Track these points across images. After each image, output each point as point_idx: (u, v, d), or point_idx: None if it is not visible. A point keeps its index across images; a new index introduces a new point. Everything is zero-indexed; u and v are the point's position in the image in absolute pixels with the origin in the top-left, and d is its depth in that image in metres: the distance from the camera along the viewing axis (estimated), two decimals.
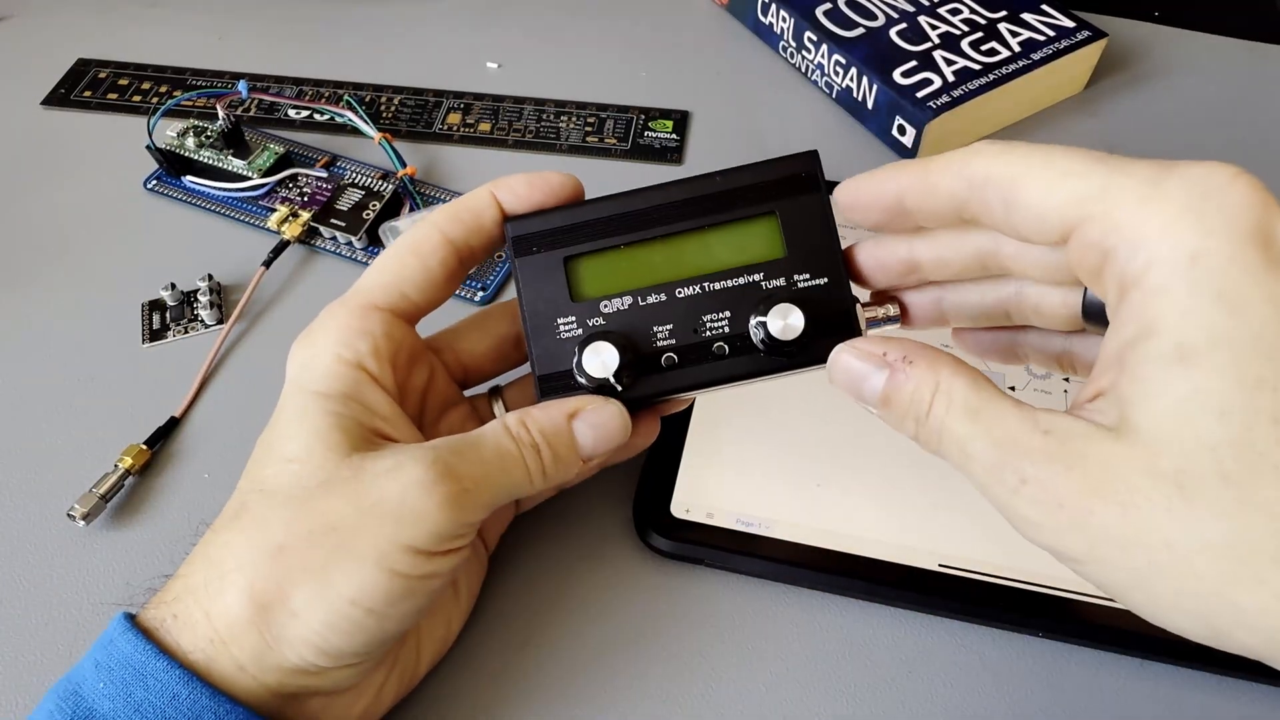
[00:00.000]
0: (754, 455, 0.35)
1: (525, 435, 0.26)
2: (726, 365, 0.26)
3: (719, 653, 0.31)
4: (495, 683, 0.31)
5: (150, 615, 0.25)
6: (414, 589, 0.25)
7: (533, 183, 0.28)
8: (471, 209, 0.28)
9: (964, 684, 0.31)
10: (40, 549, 0.33)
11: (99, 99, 0.49)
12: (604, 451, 0.27)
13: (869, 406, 0.24)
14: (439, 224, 0.28)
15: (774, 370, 0.26)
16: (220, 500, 0.26)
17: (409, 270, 0.28)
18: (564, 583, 0.33)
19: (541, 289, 0.27)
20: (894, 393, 0.23)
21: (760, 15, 0.53)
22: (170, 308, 0.40)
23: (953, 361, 0.22)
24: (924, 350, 0.23)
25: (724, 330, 0.27)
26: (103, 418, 0.37)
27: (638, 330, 0.27)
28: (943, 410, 0.21)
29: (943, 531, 0.33)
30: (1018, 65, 0.47)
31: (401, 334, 0.28)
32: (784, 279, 0.27)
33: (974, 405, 0.21)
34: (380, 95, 0.50)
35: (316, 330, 0.27)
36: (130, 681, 0.23)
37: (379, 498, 0.24)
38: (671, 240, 0.27)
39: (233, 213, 0.44)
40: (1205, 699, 0.30)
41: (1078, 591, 0.31)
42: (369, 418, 0.26)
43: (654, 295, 0.27)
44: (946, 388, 0.21)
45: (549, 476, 0.27)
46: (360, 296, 0.28)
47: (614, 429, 0.27)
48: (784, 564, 0.32)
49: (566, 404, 0.26)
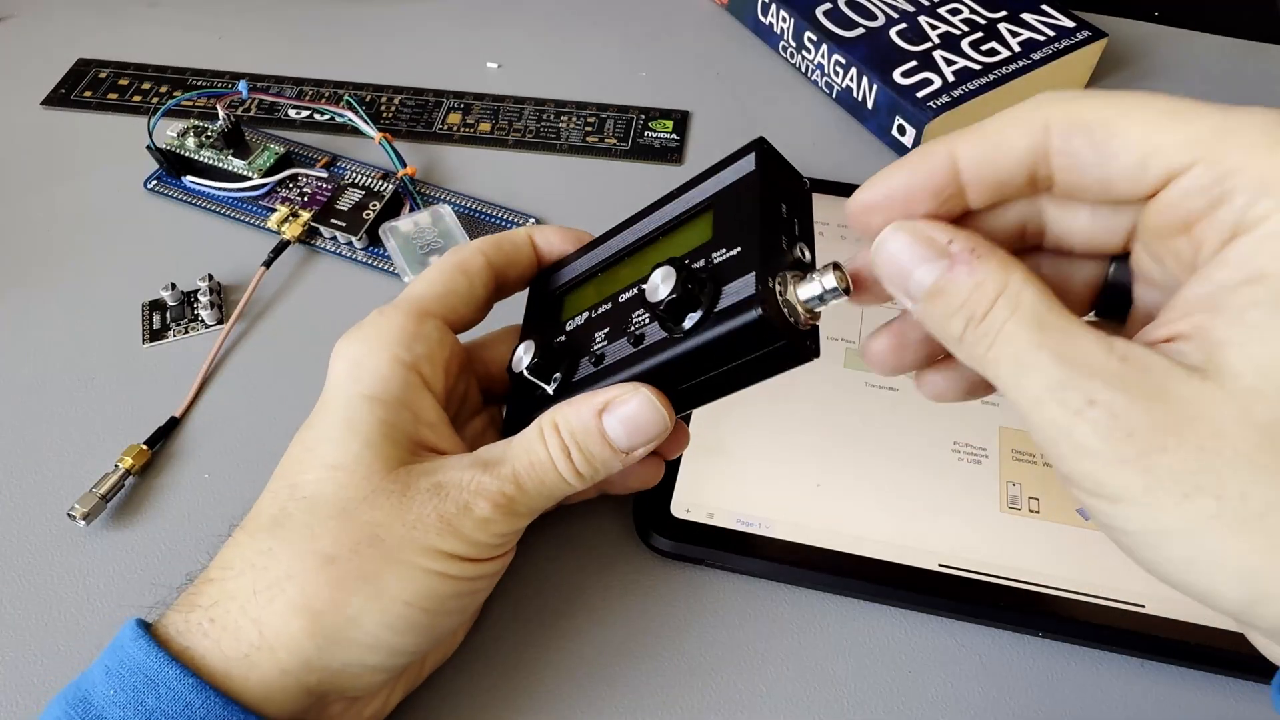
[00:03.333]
0: (754, 455, 0.35)
1: (555, 439, 0.26)
2: (640, 354, 0.25)
3: (719, 652, 0.31)
4: (495, 682, 0.31)
5: (179, 618, 0.25)
6: (462, 589, 0.26)
7: (566, 236, 0.31)
8: (514, 242, 0.30)
9: (964, 684, 0.31)
10: (40, 549, 0.33)
11: (99, 99, 0.49)
12: (644, 442, 0.26)
13: (909, 300, 0.21)
14: (483, 248, 0.29)
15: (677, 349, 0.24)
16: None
17: (458, 285, 0.29)
18: (564, 582, 0.33)
19: (541, 316, 0.30)
20: (949, 284, 0.19)
21: (760, 15, 0.53)
22: (170, 308, 0.40)
23: (1026, 269, 0.19)
24: (996, 248, 0.20)
25: (645, 320, 0.25)
26: (103, 418, 0.37)
27: (583, 339, 0.27)
28: (1005, 313, 0.19)
29: (943, 531, 0.33)
30: (1018, 65, 0.47)
31: (452, 342, 0.29)
32: (704, 260, 0.24)
33: (1042, 315, 0.19)
34: (380, 95, 0.50)
35: (369, 328, 0.27)
36: (142, 689, 0.23)
37: (420, 515, 0.25)
38: (631, 257, 0.28)
39: (233, 213, 0.44)
40: (1205, 699, 0.30)
41: (1078, 591, 0.31)
42: (416, 427, 0.27)
43: (603, 306, 0.27)
44: (1015, 291, 0.19)
45: (586, 476, 0.26)
46: (414, 303, 0.28)
47: (648, 419, 0.25)
48: (784, 564, 0.32)
49: (595, 399, 0.25)
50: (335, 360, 0.27)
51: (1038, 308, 0.19)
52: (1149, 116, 0.19)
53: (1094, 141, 0.19)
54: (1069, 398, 0.18)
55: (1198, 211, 0.18)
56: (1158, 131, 0.18)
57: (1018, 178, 0.20)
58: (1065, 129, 0.19)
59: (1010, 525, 0.33)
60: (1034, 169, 0.20)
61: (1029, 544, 0.32)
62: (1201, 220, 0.18)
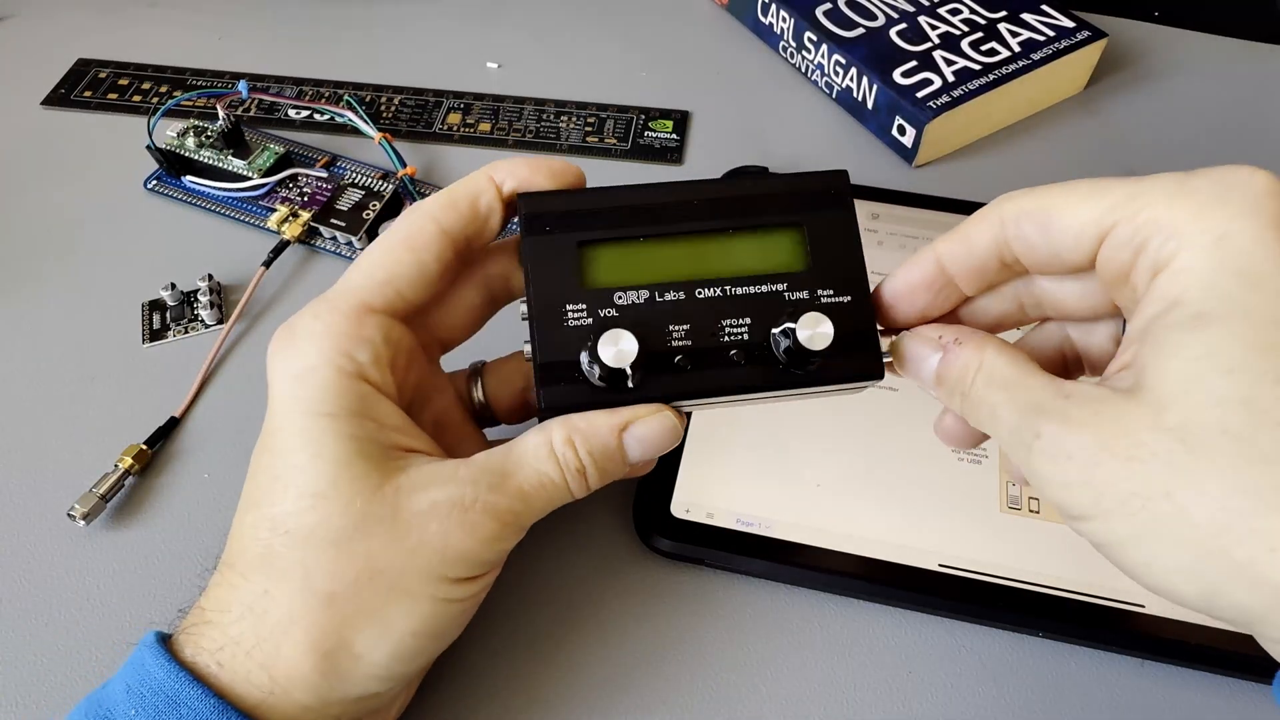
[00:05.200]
0: (754, 455, 0.35)
1: (572, 458, 0.25)
2: (743, 374, 0.25)
3: (719, 652, 0.31)
4: (495, 682, 0.31)
5: (187, 653, 0.24)
6: (465, 609, 0.26)
7: (534, 165, 0.27)
8: (468, 195, 0.26)
9: (964, 684, 0.31)
10: (40, 549, 0.33)
11: (99, 99, 0.49)
12: (655, 455, 0.26)
13: (928, 389, 0.25)
14: (433, 213, 0.26)
15: (789, 385, 0.25)
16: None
17: (403, 266, 0.26)
18: (564, 582, 0.33)
19: (551, 273, 0.25)
20: (945, 370, 0.24)
21: (760, 15, 0.53)
22: (170, 308, 0.40)
23: (998, 343, 0.24)
24: (974, 333, 0.24)
25: (743, 337, 0.25)
26: (103, 418, 0.37)
27: (652, 326, 0.25)
28: (983, 383, 0.23)
29: (943, 531, 0.33)
30: (1018, 65, 0.47)
31: (399, 336, 0.26)
32: (807, 292, 0.26)
33: (1007, 377, 0.23)
34: (380, 95, 0.50)
35: (302, 335, 0.25)
36: (163, 709, 0.23)
37: (420, 540, 0.24)
38: (693, 239, 0.26)
39: (233, 213, 0.44)
40: (1205, 699, 0.30)
41: (1078, 591, 0.31)
42: (384, 434, 0.25)
43: (671, 293, 0.25)
44: (989, 364, 0.23)
45: (593, 488, 0.26)
46: (351, 297, 0.26)
47: (666, 438, 0.25)
48: (784, 564, 0.32)
49: (616, 417, 0.25)
50: (274, 375, 0.25)
51: (1005, 372, 0.23)
52: (1077, 197, 0.22)
53: (1039, 224, 0.23)
54: (1024, 436, 0.21)
55: (1127, 262, 0.22)
56: (1084, 206, 0.22)
57: (990, 265, 0.24)
58: (1015, 219, 0.23)
59: (1010, 525, 0.33)
60: (1000, 256, 0.24)
61: (1029, 544, 0.32)
62: (1132, 269, 0.22)
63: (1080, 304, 0.25)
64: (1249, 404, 0.18)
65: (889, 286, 0.26)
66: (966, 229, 0.25)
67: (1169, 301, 0.20)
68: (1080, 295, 0.25)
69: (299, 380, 0.25)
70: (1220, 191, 0.20)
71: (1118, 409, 0.20)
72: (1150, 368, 0.20)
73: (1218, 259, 0.20)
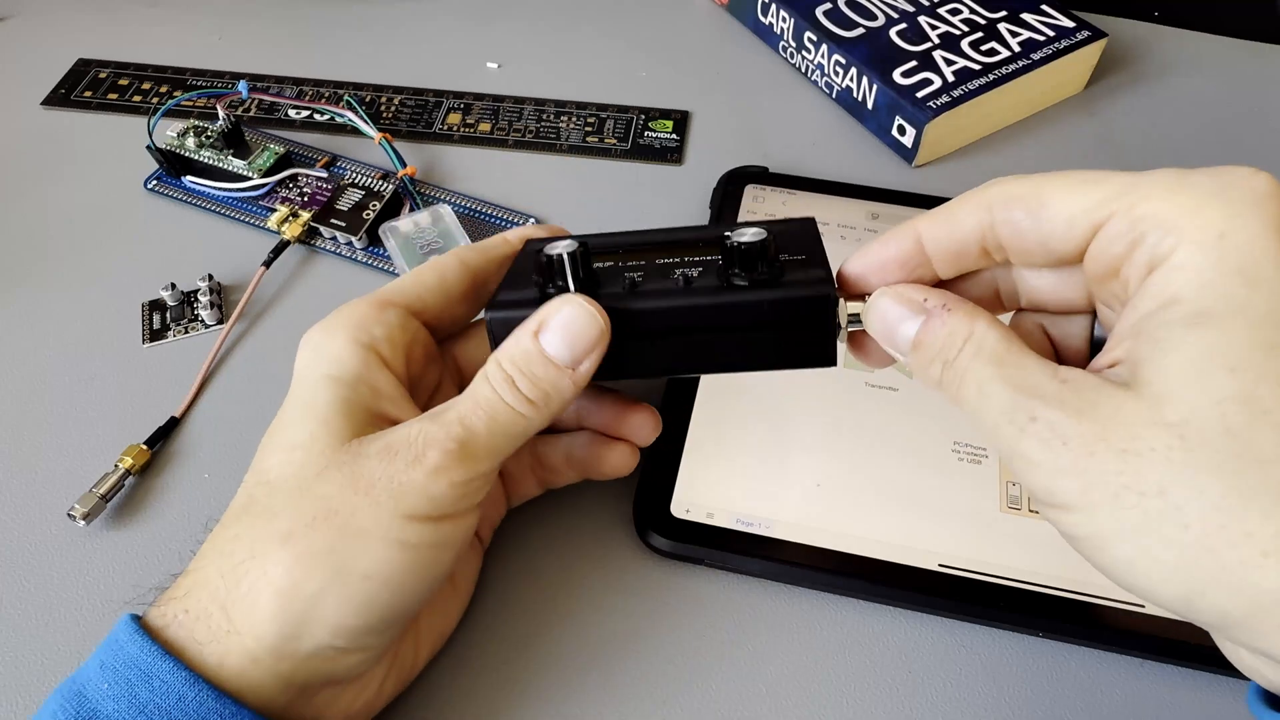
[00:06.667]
0: (754, 455, 0.35)
1: (498, 372, 0.26)
2: (685, 292, 0.25)
3: (718, 652, 0.31)
4: (493, 681, 0.31)
5: (158, 613, 0.25)
6: (424, 560, 0.25)
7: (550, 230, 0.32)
8: (495, 243, 0.31)
9: (964, 684, 0.31)
10: (40, 549, 0.33)
11: (99, 99, 0.49)
12: (585, 351, 0.25)
13: (898, 353, 0.24)
14: (459, 253, 0.30)
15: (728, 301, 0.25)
16: (221, 500, 0.27)
17: (426, 280, 0.30)
18: (563, 582, 0.33)
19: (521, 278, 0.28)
20: (927, 336, 0.23)
21: (760, 15, 0.53)
22: (170, 308, 0.40)
23: (990, 317, 0.23)
24: (964, 301, 0.23)
25: (693, 272, 0.26)
26: (103, 418, 0.37)
27: (609, 275, 0.27)
28: (971, 355, 0.22)
29: (943, 531, 0.33)
30: (1018, 65, 0.47)
31: (415, 329, 0.29)
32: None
33: (999, 352, 0.22)
34: (380, 95, 0.50)
35: (331, 317, 0.28)
36: (135, 682, 0.23)
37: (371, 479, 0.25)
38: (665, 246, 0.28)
39: (233, 213, 0.44)
40: (1205, 699, 0.30)
41: (1078, 591, 0.31)
42: (375, 400, 0.27)
43: (634, 262, 0.27)
44: (980, 336, 0.22)
45: (538, 402, 0.26)
46: (379, 295, 0.29)
47: (583, 324, 0.25)
48: (783, 564, 0.32)
49: (527, 324, 0.26)
50: (300, 351, 0.28)
51: (998, 347, 0.22)
52: (1071, 185, 0.22)
53: (1029, 210, 0.23)
54: (1016, 417, 0.21)
55: (1120, 255, 0.21)
56: (1079, 195, 0.22)
57: (971, 249, 0.24)
58: (1004, 204, 0.23)
59: (1010, 525, 0.33)
60: (984, 241, 0.24)
61: (1029, 544, 0.32)
62: (1125, 263, 0.21)
63: (1054, 296, 0.25)
64: (1250, 403, 0.18)
65: (858, 258, 0.25)
66: (953, 208, 0.24)
67: (1166, 298, 0.20)
68: (1055, 287, 0.25)
69: (315, 349, 0.27)
70: (1220, 190, 0.20)
71: (1118, 400, 0.20)
72: (1147, 363, 0.20)
73: (1217, 257, 0.20)
